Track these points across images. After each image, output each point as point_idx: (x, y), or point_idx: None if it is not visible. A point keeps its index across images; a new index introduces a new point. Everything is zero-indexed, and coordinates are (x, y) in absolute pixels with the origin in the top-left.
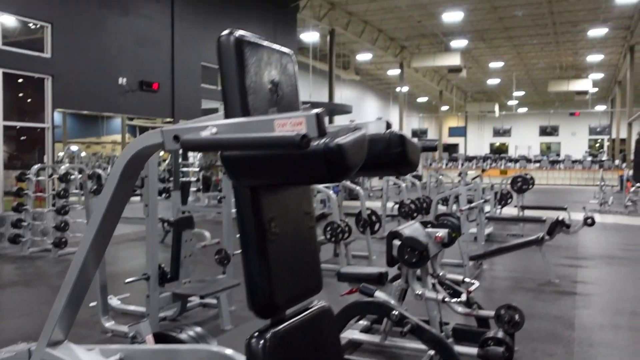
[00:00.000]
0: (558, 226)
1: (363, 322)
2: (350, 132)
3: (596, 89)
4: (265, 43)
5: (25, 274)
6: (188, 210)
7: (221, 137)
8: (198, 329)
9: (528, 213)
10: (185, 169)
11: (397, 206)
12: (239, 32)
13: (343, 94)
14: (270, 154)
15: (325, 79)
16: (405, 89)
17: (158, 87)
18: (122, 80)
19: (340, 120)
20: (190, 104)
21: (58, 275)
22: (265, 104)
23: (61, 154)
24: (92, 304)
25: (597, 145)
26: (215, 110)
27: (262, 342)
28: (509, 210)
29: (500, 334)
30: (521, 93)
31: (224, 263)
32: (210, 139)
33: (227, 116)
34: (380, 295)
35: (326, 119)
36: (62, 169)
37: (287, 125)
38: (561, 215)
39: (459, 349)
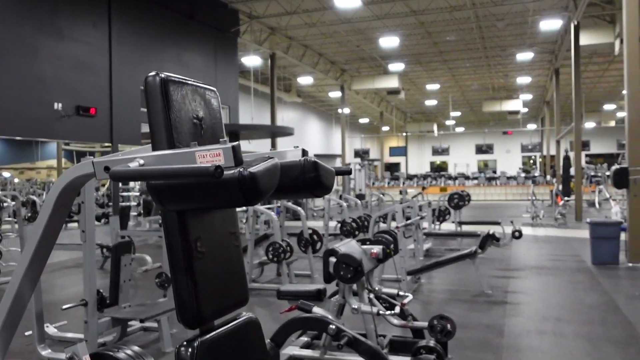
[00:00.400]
0: (489, 240)
1: (303, 339)
2: (264, 161)
3: (526, 109)
4: (190, 81)
5: None
6: (128, 235)
7: (146, 169)
8: (136, 348)
9: (465, 228)
10: (125, 194)
11: (339, 225)
12: (165, 73)
13: (285, 116)
14: (191, 182)
15: (267, 101)
16: (346, 110)
17: (95, 112)
18: (57, 106)
19: (283, 142)
20: (130, 129)
21: None
22: (189, 137)
23: None
24: (27, 333)
25: (532, 161)
26: None
27: (190, 350)
28: (448, 226)
29: (432, 343)
30: (458, 113)
31: (164, 286)
32: (136, 170)
33: (154, 149)
34: (318, 310)
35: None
36: None
37: (207, 157)
38: (493, 229)
39: (395, 359)
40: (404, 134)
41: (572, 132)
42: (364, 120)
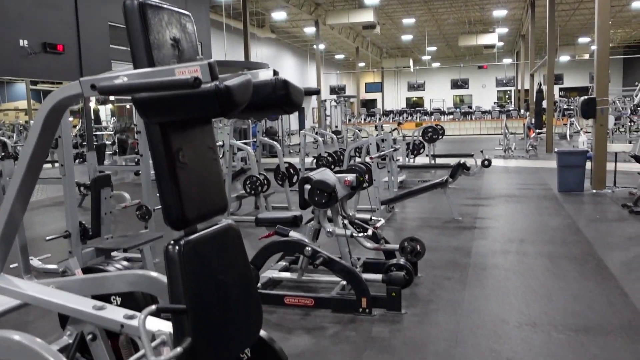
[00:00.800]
0: (459, 169)
1: (282, 263)
2: (237, 76)
3: (502, 43)
4: (166, 5)
5: None
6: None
7: (132, 82)
8: (124, 263)
9: (439, 161)
10: (99, 133)
11: (315, 160)
12: None
13: (259, 53)
14: (173, 95)
15: (240, 37)
16: (321, 46)
17: (63, 49)
18: (23, 43)
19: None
20: (100, 66)
21: None
22: (168, 58)
23: None
24: (12, 266)
25: (507, 96)
26: None
27: (177, 248)
28: (422, 160)
29: (402, 261)
30: (434, 48)
31: (145, 218)
32: (122, 84)
33: (135, 68)
34: (294, 235)
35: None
36: None
37: (186, 73)
38: (463, 160)
39: (368, 277)
40: (380, 69)
41: (545, 65)
42: (339, 56)
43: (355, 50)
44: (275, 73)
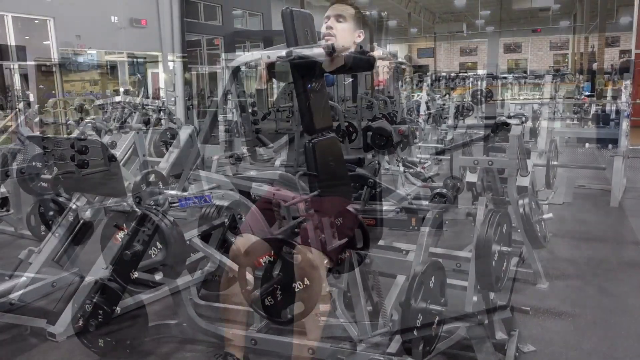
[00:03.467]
0: (500, 126)
1: None
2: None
3: (559, 5)
4: (303, 11)
5: None
6: None
7: (294, 54)
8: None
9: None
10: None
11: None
12: (292, 8)
13: (315, 20)
14: (311, 61)
15: (297, 6)
16: (374, 12)
17: (146, 23)
18: (114, 19)
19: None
20: (175, 37)
21: None
22: (304, 40)
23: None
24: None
25: (565, 60)
26: (197, 42)
27: (310, 143)
28: (471, 121)
29: (444, 191)
30: (487, 12)
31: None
32: (288, 56)
33: (288, 46)
34: (359, 170)
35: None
36: (77, 100)
37: (319, 49)
38: (503, 118)
39: (416, 203)
40: (432, 35)
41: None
42: (391, 22)
43: (407, 16)
44: (361, 47)
